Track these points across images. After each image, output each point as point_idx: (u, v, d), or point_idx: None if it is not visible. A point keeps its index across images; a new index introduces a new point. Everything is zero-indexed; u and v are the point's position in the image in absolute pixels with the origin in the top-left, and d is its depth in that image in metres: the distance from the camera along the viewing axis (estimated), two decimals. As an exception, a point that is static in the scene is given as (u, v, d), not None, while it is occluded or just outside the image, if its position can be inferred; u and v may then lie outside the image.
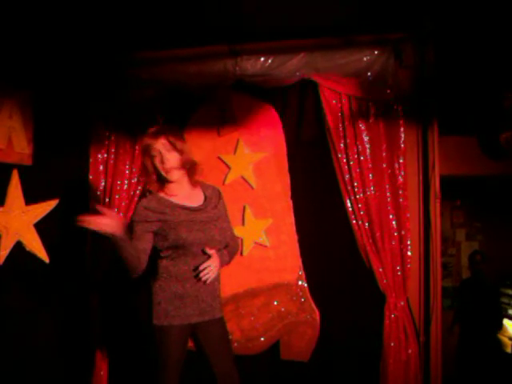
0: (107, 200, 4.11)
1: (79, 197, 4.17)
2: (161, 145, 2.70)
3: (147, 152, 2.74)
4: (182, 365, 2.76)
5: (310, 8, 3.54)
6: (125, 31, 3.85)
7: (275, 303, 3.95)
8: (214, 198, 2.88)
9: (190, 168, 2.81)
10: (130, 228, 2.71)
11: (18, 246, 3.96)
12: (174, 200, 2.77)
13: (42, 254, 4.00)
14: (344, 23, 3.68)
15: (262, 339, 3.96)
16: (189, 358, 2.87)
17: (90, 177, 4.16)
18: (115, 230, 2.46)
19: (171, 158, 2.71)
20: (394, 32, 3.76)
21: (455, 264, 7.29)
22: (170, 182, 2.77)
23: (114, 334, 4.16)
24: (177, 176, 2.75)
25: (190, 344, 2.88)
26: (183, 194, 2.80)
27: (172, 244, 2.71)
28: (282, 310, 3.95)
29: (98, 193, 4.14)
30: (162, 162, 2.70)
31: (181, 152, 2.72)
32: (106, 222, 2.43)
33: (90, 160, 4.17)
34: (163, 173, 2.72)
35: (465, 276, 6.89)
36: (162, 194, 2.78)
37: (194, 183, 2.85)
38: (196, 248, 2.72)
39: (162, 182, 2.78)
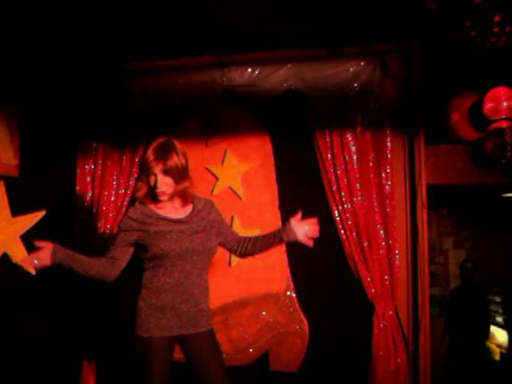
0: (94, 211, 4.09)
1: (66, 208, 4.14)
2: (159, 169, 2.64)
3: (144, 168, 2.68)
4: (167, 377, 2.69)
5: (297, 19, 3.56)
6: (112, 42, 3.84)
7: (264, 314, 3.95)
8: (204, 210, 2.82)
9: (183, 193, 2.76)
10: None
11: (4, 258, 3.92)
12: (160, 212, 2.74)
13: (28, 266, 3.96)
14: (331, 34, 3.70)
15: (251, 350, 3.95)
16: (179, 369, 2.86)
17: (77, 188, 4.15)
18: (49, 262, 2.60)
19: (165, 184, 2.67)
20: (380, 43, 3.80)
21: (443, 272, 7.32)
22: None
23: (102, 345, 4.13)
24: (167, 198, 2.72)
25: (180, 355, 2.86)
26: (171, 206, 2.77)
27: (152, 255, 2.68)
28: (271, 320, 3.94)
29: (86, 204, 4.12)
30: (156, 185, 2.66)
31: (176, 180, 2.67)
32: (38, 259, 2.59)
33: (78, 171, 4.15)
34: (155, 193, 2.70)
35: (453, 284, 6.92)
36: (149, 205, 2.76)
37: (185, 201, 2.79)
38: (176, 259, 2.66)
39: (153, 196, 2.74)
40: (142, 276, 2.78)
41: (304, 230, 2.75)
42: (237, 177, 4.03)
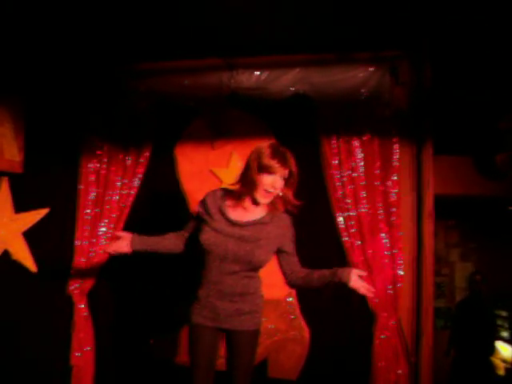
0: (97, 210, 4.06)
1: (69, 206, 4.12)
2: (282, 173, 2.70)
3: (263, 167, 2.68)
4: (209, 363, 2.85)
5: (307, 24, 3.53)
6: (121, 42, 3.84)
7: (264, 320, 3.88)
8: (271, 223, 2.81)
9: (283, 203, 2.83)
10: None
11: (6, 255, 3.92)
12: (228, 207, 2.81)
13: (29, 263, 3.95)
14: (340, 39, 3.67)
15: (250, 356, 3.89)
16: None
17: (81, 187, 4.12)
18: (127, 249, 2.89)
19: (279, 187, 2.73)
20: (390, 49, 3.77)
21: (449, 284, 7.25)
22: (257, 202, 2.76)
23: (102, 343, 4.10)
24: (267, 202, 2.77)
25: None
26: (246, 209, 2.81)
27: (199, 245, 2.79)
28: (271, 326, 3.90)
29: (89, 203, 4.09)
30: (271, 185, 2.69)
31: (289, 186, 2.77)
32: (117, 247, 2.89)
33: (81, 170, 4.13)
34: (260, 192, 2.71)
35: (458, 297, 6.85)
36: (226, 197, 2.84)
37: (267, 207, 2.82)
38: (216, 259, 2.75)
39: (249, 192, 2.75)
40: None
41: (359, 283, 2.69)
42: (241, 181, 3.99)
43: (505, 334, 6.31)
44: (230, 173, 4.00)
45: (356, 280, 2.67)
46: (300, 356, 3.85)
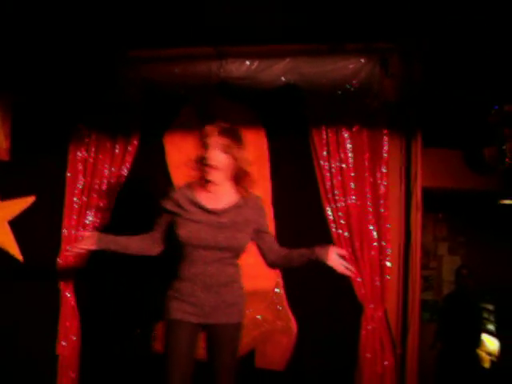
0: (85, 199, 4.03)
1: (56, 195, 4.09)
2: (216, 141, 2.70)
3: (205, 143, 2.74)
4: (188, 361, 2.76)
5: (298, 13, 3.51)
6: (111, 29, 3.79)
7: (251, 310, 3.88)
8: (246, 206, 2.80)
9: (238, 177, 2.79)
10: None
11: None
12: (199, 198, 2.77)
13: (15, 252, 3.92)
14: (332, 30, 3.65)
15: (237, 346, 3.89)
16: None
17: (68, 175, 4.09)
18: (94, 247, 2.85)
19: (218, 159, 2.71)
20: (381, 41, 3.76)
21: (436, 277, 7.28)
22: (208, 180, 2.76)
23: (88, 333, 4.09)
24: (215, 177, 2.75)
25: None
26: (215, 195, 2.79)
27: (176, 241, 2.75)
28: (258, 317, 3.89)
29: (76, 191, 4.06)
30: (212, 158, 2.70)
31: (234, 159, 2.72)
32: (82, 245, 2.88)
33: (69, 158, 4.09)
34: (205, 169, 2.73)
35: (446, 290, 6.88)
36: (194, 188, 2.81)
37: (237, 190, 2.81)
38: (197, 250, 2.72)
39: (202, 173, 2.78)
40: None
41: (338, 262, 2.70)
42: (230, 170, 3.97)
43: (491, 327, 6.33)
44: (218, 162, 3.98)
45: (334, 258, 2.68)
46: (287, 347, 3.85)
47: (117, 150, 4.04)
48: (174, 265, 2.86)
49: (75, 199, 4.06)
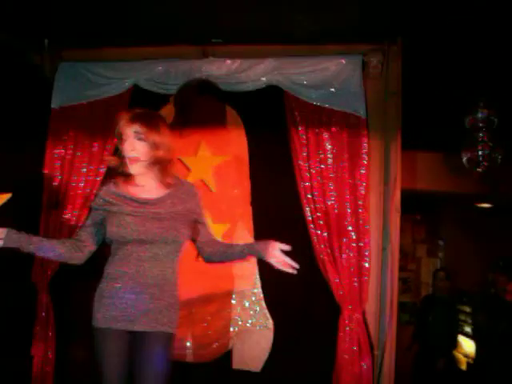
0: (61, 196, 3.98)
1: (33, 192, 4.04)
2: (132, 131, 2.41)
3: (118, 134, 2.46)
4: (120, 372, 2.43)
5: (280, 14, 3.51)
6: (92, 26, 3.76)
7: (229, 310, 3.88)
8: (182, 195, 2.52)
9: (160, 166, 2.48)
10: None
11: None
12: (127, 191, 2.50)
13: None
14: (313, 31, 3.67)
15: (214, 347, 3.88)
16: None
17: (45, 172, 4.04)
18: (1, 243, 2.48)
19: (138, 148, 2.41)
20: (362, 42, 3.78)
21: (415, 279, 7.34)
22: (131, 174, 2.48)
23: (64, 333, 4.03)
24: (138, 170, 2.46)
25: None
26: (144, 186, 2.51)
27: (108, 238, 2.47)
28: (235, 318, 3.88)
29: (53, 188, 4.01)
30: (128, 149, 2.41)
31: (152, 145, 2.41)
32: None
33: (46, 155, 4.04)
34: (126, 162, 2.44)
35: (424, 292, 6.93)
36: (119, 183, 2.52)
37: (166, 179, 2.50)
38: (131, 246, 2.42)
39: (125, 170, 2.49)
40: None
41: (279, 258, 2.45)
42: (209, 169, 3.96)
43: (467, 329, 6.40)
44: (197, 161, 3.98)
45: (273, 255, 2.43)
46: (264, 347, 3.84)
47: (95, 148, 4.00)
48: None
49: (52, 196, 4.00)
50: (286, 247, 2.49)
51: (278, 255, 2.45)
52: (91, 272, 3.84)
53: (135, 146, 2.41)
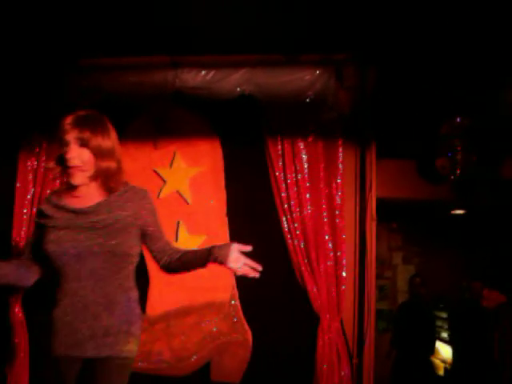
0: (34, 210, 3.91)
1: (5, 205, 3.96)
2: (72, 136, 2.11)
3: (59, 140, 2.16)
4: None
5: (254, 24, 3.51)
6: (65, 37, 3.71)
7: (207, 322, 3.84)
8: (123, 198, 2.22)
9: (106, 171, 2.20)
10: None
11: None
12: (68, 202, 2.21)
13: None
14: (288, 41, 3.67)
15: (193, 360, 3.84)
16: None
17: (18, 185, 3.97)
18: None
19: (81, 156, 2.12)
20: (336, 52, 3.79)
21: (391, 287, 7.37)
22: (74, 184, 2.19)
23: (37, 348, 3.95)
24: (81, 180, 2.17)
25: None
26: (85, 196, 2.22)
27: (46, 257, 2.19)
28: (214, 329, 3.85)
29: (26, 202, 3.95)
30: (69, 157, 2.11)
31: (97, 152, 2.14)
32: None
33: (19, 168, 3.98)
34: (68, 172, 2.16)
35: (401, 299, 6.97)
36: (62, 193, 2.26)
37: (111, 186, 2.23)
38: (67, 264, 2.14)
39: (65, 177, 2.22)
40: None
41: (239, 262, 2.23)
42: (185, 181, 3.93)
43: (444, 334, 6.45)
44: (172, 173, 3.95)
45: (235, 259, 2.20)
46: (243, 359, 3.81)
47: (69, 160, 3.93)
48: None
49: (24, 210, 3.94)
50: (247, 248, 2.29)
51: (239, 258, 2.22)
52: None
53: (78, 153, 2.12)
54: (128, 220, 2.19)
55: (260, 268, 2.26)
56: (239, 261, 2.23)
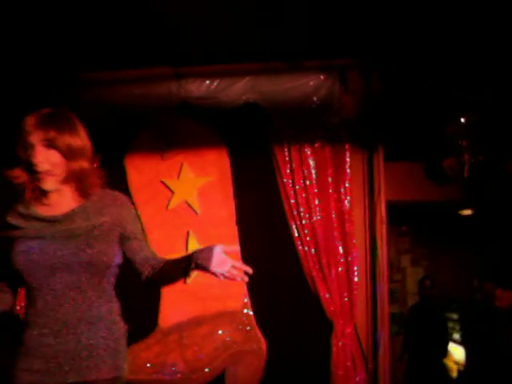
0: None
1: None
2: (37, 137, 1.89)
3: (23, 143, 1.93)
4: None
5: (258, 32, 3.51)
6: (68, 51, 3.71)
7: (220, 332, 3.82)
8: (100, 203, 2.01)
9: (80, 178, 1.97)
10: None
11: None
12: (38, 210, 1.95)
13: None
14: (291, 48, 3.67)
15: (207, 370, 3.81)
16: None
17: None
18: None
19: (47, 159, 1.89)
20: (340, 58, 3.79)
21: (401, 290, 7.35)
22: (44, 190, 1.94)
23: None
24: (52, 186, 1.92)
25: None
26: (57, 202, 1.98)
27: (15, 272, 1.92)
28: (227, 339, 3.83)
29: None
30: (35, 161, 1.87)
31: (67, 153, 1.91)
32: None
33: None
34: (38, 177, 1.91)
35: (410, 302, 6.94)
36: (29, 201, 1.96)
37: (85, 190, 1.99)
38: (39, 278, 1.89)
39: (35, 185, 1.94)
40: None
41: (225, 265, 1.95)
42: (193, 191, 3.93)
43: (456, 336, 6.42)
44: (181, 183, 3.94)
45: (219, 263, 1.93)
46: (257, 368, 3.79)
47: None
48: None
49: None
50: (234, 248, 2.13)
51: (224, 261, 1.94)
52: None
53: (45, 156, 1.89)
54: (107, 227, 1.98)
55: (250, 271, 1.98)
56: (225, 264, 1.94)
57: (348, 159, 3.79)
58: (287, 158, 3.81)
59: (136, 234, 2.09)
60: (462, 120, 4.16)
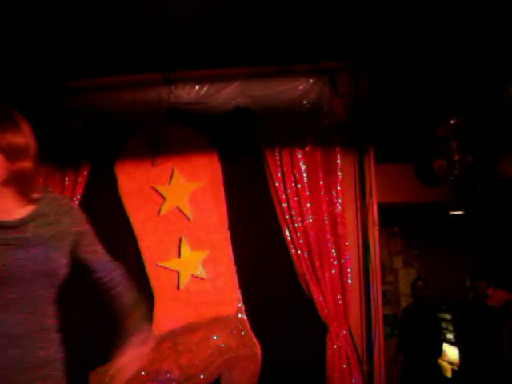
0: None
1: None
2: None
3: None
4: None
5: (246, 37, 3.51)
6: (55, 58, 3.70)
7: (214, 338, 3.81)
8: (52, 212, 1.88)
9: (22, 180, 1.81)
10: None
11: None
12: None
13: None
14: (280, 52, 3.67)
15: (202, 377, 3.79)
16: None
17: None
18: None
19: None
20: (329, 61, 3.80)
21: (393, 291, 7.36)
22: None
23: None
24: None
25: None
26: (2, 207, 1.81)
27: None
28: (222, 345, 3.81)
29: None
30: None
31: (8, 153, 1.75)
32: None
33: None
34: None
35: (403, 303, 6.96)
36: None
37: (26, 197, 1.83)
38: None
39: None
40: None
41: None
42: (185, 196, 3.91)
43: (450, 336, 6.44)
44: (172, 189, 3.93)
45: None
46: (253, 373, 3.77)
47: (66, 181, 3.92)
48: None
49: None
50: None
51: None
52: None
53: None
54: (59, 236, 1.86)
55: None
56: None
57: (339, 162, 3.80)
58: (278, 162, 3.81)
59: (91, 242, 2.00)
60: (452, 121, 4.18)
